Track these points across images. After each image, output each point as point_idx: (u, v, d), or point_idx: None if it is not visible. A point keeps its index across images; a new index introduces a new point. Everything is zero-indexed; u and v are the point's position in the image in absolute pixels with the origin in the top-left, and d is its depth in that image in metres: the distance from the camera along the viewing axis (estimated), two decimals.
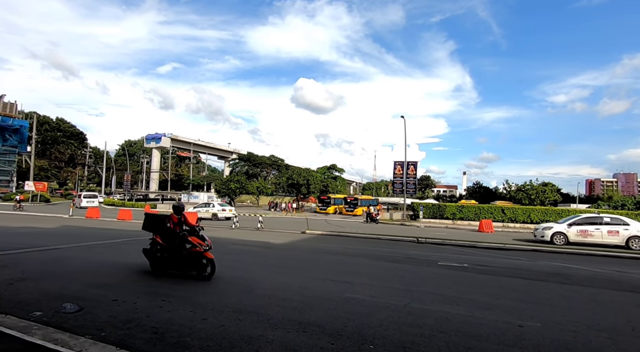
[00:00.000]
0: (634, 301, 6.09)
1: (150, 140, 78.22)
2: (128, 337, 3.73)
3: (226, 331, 4.00)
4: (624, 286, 7.35)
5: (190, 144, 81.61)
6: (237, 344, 3.65)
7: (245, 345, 3.63)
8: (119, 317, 4.34)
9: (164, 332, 3.90)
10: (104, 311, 4.56)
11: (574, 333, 4.31)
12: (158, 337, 3.75)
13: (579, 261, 10.79)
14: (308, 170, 51.78)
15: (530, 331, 4.35)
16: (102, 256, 8.95)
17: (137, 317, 4.33)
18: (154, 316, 4.40)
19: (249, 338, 3.80)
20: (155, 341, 3.66)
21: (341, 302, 5.33)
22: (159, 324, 4.12)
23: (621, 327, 4.62)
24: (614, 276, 8.49)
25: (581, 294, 6.53)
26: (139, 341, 3.66)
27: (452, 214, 28.71)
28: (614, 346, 3.93)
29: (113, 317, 4.31)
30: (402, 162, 33.05)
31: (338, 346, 3.68)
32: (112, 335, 3.78)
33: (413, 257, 10.41)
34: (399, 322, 4.49)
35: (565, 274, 8.54)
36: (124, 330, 3.92)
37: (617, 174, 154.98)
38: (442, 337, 4.03)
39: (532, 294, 6.33)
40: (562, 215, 26.74)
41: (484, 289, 6.66)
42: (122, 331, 3.89)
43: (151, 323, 4.15)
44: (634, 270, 9.44)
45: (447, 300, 5.69)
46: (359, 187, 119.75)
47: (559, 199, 48.46)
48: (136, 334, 3.82)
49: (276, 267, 8.34)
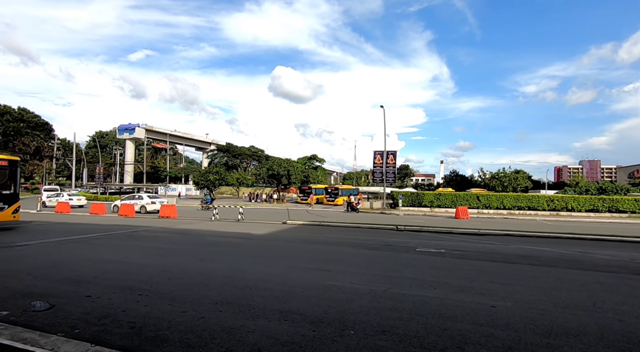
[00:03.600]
0: (595, 279, 6.51)
1: (123, 131, 75.04)
2: (103, 334, 3.63)
3: (206, 322, 3.97)
4: (585, 266, 7.83)
5: (166, 135, 78.99)
6: (217, 335, 3.63)
7: (226, 335, 3.61)
8: (93, 313, 4.20)
9: (142, 326, 3.82)
10: (77, 307, 4.40)
11: (541, 311, 4.57)
12: (135, 332, 3.67)
13: (547, 244, 11.39)
14: (288, 161, 51.52)
15: (502, 311, 4.57)
16: (73, 252, 8.60)
17: (113, 313, 4.21)
18: (130, 311, 4.29)
19: (229, 329, 3.79)
20: (133, 336, 3.58)
21: (322, 290, 5.39)
22: (136, 319, 4.03)
23: (583, 303, 4.94)
24: (577, 257, 9.03)
25: (548, 274, 6.91)
26: (115, 336, 3.57)
27: (430, 201, 29.49)
28: (577, 321, 4.20)
29: (87, 314, 4.17)
30: (381, 151, 33.42)
31: (319, 332, 3.73)
32: (86, 332, 3.66)
33: (392, 244, 10.64)
34: (379, 307, 4.60)
35: (534, 256, 8.99)
36: (98, 326, 3.81)
37: (583, 161, 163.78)
38: (420, 319, 4.16)
39: (504, 276, 6.64)
40: (533, 201, 28.08)
41: (459, 272, 6.92)
42: (97, 327, 3.77)
43: (128, 318, 4.05)
44: (594, 250, 10.07)
45: (425, 284, 5.88)
46: (340, 177, 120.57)
47: (530, 186, 50.80)
48: (112, 330, 3.71)
49: (257, 258, 8.30)
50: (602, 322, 4.20)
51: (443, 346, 3.43)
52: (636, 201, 26.74)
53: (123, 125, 75.37)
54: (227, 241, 11.17)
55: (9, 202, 13.06)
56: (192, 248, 9.56)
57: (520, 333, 3.79)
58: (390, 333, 3.74)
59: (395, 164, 34.07)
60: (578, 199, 27.61)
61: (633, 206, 26.47)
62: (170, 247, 9.82)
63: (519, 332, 3.80)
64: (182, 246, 10.07)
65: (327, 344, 3.44)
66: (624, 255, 9.35)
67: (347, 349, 3.35)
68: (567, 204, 27.33)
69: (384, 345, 3.44)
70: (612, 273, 7.10)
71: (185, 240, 11.21)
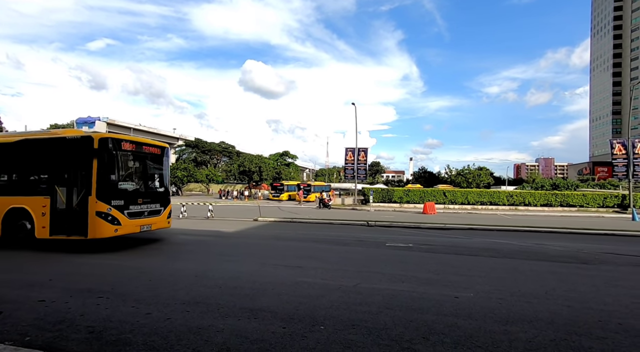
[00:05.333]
0: (548, 269, 7.01)
1: (81, 125, 70.40)
2: (58, 340, 3.41)
3: (173, 324, 3.84)
4: (540, 257, 8.42)
5: (130, 130, 75.08)
6: (184, 336, 3.52)
7: (194, 336, 3.52)
8: (47, 318, 3.93)
9: (102, 330, 3.63)
10: (29, 313, 4.10)
11: (499, 300, 4.86)
12: (95, 337, 3.48)
13: (506, 237, 12.10)
14: (260, 157, 50.82)
15: (464, 301, 4.80)
16: (22, 251, 7.98)
17: (70, 318, 3.96)
18: (89, 315, 4.06)
19: (197, 329, 3.69)
20: (92, 341, 3.39)
21: (293, 287, 5.39)
22: (96, 323, 3.82)
23: (537, 292, 5.30)
24: (533, 249, 9.68)
25: (507, 265, 7.35)
26: (71, 342, 3.36)
27: (399, 197, 30.32)
28: (531, 309, 4.51)
29: (40, 320, 3.89)
30: (353, 148, 33.83)
31: (290, 329, 3.73)
32: (38, 339, 3.42)
33: (363, 240, 10.84)
34: (349, 302, 4.67)
35: (495, 248, 9.53)
36: (53, 332, 3.57)
37: (539, 159, 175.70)
38: (388, 312, 4.28)
39: (467, 268, 6.98)
40: (494, 196, 29.70)
41: (426, 266, 7.18)
42: (51, 334, 3.54)
43: (86, 322, 3.83)
44: (548, 242, 10.85)
45: (394, 278, 6.05)
46: (312, 173, 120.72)
47: (492, 182, 53.74)
48: (68, 336, 3.50)
49: (227, 256, 8.14)
50: (553, 308, 4.53)
51: (409, 337, 3.55)
52: (584, 196, 29.07)
53: (82, 118, 70.81)
54: (196, 239, 10.86)
55: (164, 204, 9.76)
56: (159, 247, 9.19)
57: (481, 322, 4.00)
58: (360, 327, 3.81)
59: (367, 161, 34.65)
60: (534, 195, 29.55)
61: (581, 200, 28.75)
62: None
63: (479, 321, 4.02)
64: (149, 245, 9.65)
65: (297, 341, 3.45)
66: (573, 246, 10.15)
67: (317, 344, 3.38)
68: (525, 199, 29.16)
69: (353, 339, 3.51)
70: (563, 263, 7.68)
71: (152, 239, 10.75)
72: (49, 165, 8.45)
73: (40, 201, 8.21)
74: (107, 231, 7.94)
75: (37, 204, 8.25)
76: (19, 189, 8.66)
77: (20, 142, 8.90)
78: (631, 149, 27.72)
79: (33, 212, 8.27)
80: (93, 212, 7.82)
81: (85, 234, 7.83)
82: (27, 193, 8.49)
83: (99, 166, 7.92)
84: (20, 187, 8.69)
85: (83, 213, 7.87)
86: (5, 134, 9.99)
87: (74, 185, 8.15)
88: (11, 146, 8.96)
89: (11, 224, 8.53)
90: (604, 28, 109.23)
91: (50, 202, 8.15)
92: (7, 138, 9.27)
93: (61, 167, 8.31)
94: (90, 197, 7.86)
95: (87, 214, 7.84)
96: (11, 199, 8.56)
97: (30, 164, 8.71)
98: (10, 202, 8.54)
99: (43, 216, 8.17)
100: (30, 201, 8.35)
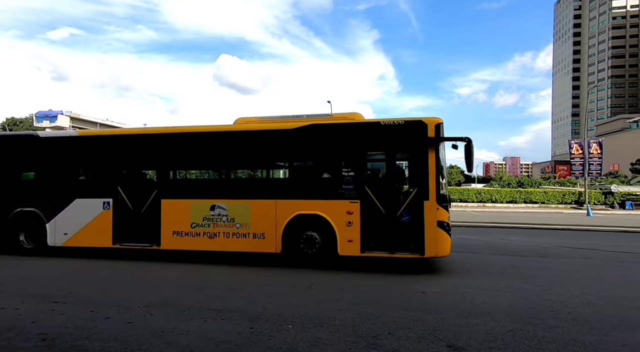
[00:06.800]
0: (509, 263, 7.38)
1: (42, 119, 66.24)
2: (6, 349, 3.18)
3: (134, 327, 3.69)
4: (502, 251, 8.84)
5: (96, 125, 71.57)
6: (146, 340, 3.39)
7: (156, 340, 3.39)
8: None
9: (55, 337, 3.42)
10: None
11: (464, 294, 5.05)
12: (47, 345, 3.27)
13: (474, 233, 12.60)
14: None
15: (431, 296, 4.96)
16: None
17: (20, 325, 3.71)
18: (42, 321, 3.82)
19: (160, 332, 3.57)
20: (43, 349, 3.19)
21: (262, 286, 5.34)
22: (49, 329, 3.60)
23: (498, 285, 5.55)
24: (497, 243, 10.15)
25: (473, 260, 7.65)
26: (19, 351, 3.15)
27: None
28: (491, 301, 4.72)
29: None
30: None
31: (257, 329, 3.69)
32: None
33: None
34: (319, 300, 4.69)
35: (463, 244, 9.88)
36: (0, 341, 3.33)
37: (506, 158, 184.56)
38: (356, 309, 4.33)
39: (435, 264, 7.20)
40: (464, 194, 30.84)
41: None
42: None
43: (38, 330, 3.60)
44: (511, 237, 11.42)
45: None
46: None
47: (462, 180, 55.81)
48: (16, 344, 3.27)
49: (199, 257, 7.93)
50: (511, 300, 4.77)
51: (376, 333, 3.61)
52: (545, 193, 30.88)
53: (42, 112, 66.56)
54: None
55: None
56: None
57: (445, 315, 4.14)
58: (328, 324, 3.83)
59: None
60: (501, 192, 31.00)
61: (543, 197, 30.50)
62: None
63: (443, 315, 4.15)
64: None
65: (263, 341, 3.41)
66: (533, 240, 10.74)
67: (285, 343, 3.36)
68: (492, 196, 30.53)
69: (320, 337, 3.52)
70: (523, 257, 8.11)
71: None
72: (353, 159, 6.57)
73: (344, 206, 6.38)
74: (448, 247, 6.25)
75: (338, 210, 6.41)
76: (308, 189, 6.75)
77: (310, 128, 6.76)
78: (587, 149, 29.67)
79: (333, 221, 6.42)
80: (433, 221, 6.05)
81: (421, 251, 6.12)
82: (320, 196, 6.59)
83: (437, 161, 6.16)
84: (309, 187, 6.80)
85: (416, 223, 6.15)
86: (272, 119, 7.48)
87: (391, 185, 6.51)
88: (293, 133, 6.81)
89: (296, 236, 6.62)
90: (564, 34, 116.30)
91: (360, 207, 6.30)
92: (285, 123, 7.05)
93: (371, 162, 6.78)
94: (427, 202, 6.07)
95: (422, 223, 6.09)
96: (296, 203, 6.65)
97: (325, 157, 6.86)
98: (294, 207, 6.62)
99: (349, 226, 6.33)
100: (327, 206, 6.48)
